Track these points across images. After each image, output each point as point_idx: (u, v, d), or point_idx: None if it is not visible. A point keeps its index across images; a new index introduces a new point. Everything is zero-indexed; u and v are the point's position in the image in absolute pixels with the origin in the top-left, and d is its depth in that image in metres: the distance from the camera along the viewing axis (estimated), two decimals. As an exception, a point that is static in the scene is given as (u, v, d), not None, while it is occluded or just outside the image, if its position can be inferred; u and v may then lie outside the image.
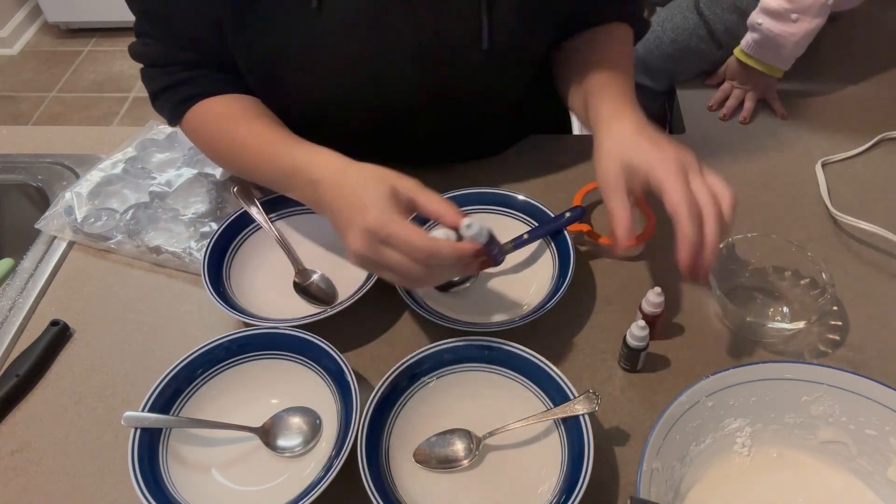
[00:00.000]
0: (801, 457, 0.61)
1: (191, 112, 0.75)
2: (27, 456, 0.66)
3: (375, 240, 0.57)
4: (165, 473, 0.61)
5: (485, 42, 0.72)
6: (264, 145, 0.70)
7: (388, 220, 0.56)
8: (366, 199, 0.58)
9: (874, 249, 0.78)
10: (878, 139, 0.91)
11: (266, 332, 0.67)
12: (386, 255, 0.57)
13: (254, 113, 0.75)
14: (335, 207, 0.61)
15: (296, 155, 0.67)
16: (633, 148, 0.64)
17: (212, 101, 0.75)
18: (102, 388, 0.70)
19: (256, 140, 0.71)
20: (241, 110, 0.75)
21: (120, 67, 2.80)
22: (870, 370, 0.65)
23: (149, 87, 0.77)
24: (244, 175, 0.77)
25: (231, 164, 0.78)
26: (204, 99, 0.75)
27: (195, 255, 0.79)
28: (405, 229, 0.56)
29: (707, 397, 0.58)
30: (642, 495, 0.52)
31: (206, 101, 0.75)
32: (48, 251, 0.83)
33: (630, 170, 0.63)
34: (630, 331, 0.65)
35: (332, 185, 0.62)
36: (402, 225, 0.56)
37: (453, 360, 0.66)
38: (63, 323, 0.74)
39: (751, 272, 0.75)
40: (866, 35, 1.10)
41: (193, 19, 0.71)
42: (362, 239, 0.57)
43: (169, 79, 0.75)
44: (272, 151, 0.69)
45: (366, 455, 0.58)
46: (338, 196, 0.61)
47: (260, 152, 0.71)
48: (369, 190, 0.58)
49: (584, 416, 0.59)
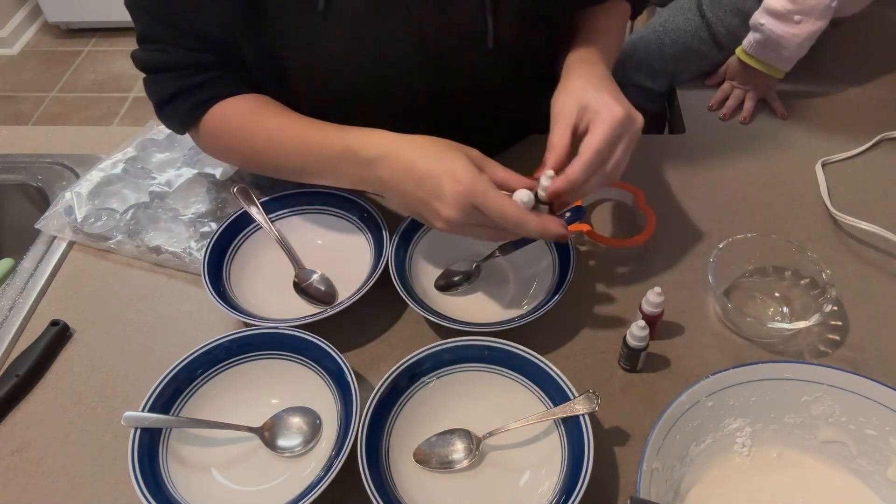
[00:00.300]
0: (801, 457, 0.61)
1: (209, 115, 0.73)
2: (27, 456, 0.66)
3: (470, 205, 0.60)
4: (165, 473, 0.61)
5: (490, 41, 0.72)
6: (305, 134, 0.70)
7: (483, 187, 0.59)
8: (454, 168, 0.60)
9: (874, 249, 0.78)
10: (878, 139, 0.91)
11: (266, 332, 0.67)
12: (479, 219, 0.61)
13: (278, 107, 0.74)
14: (411, 180, 0.62)
15: (346, 137, 0.67)
16: (591, 89, 0.65)
17: (230, 102, 0.74)
18: (102, 388, 0.70)
19: (294, 130, 0.71)
20: (266, 105, 0.74)
21: (120, 67, 2.80)
22: (870, 370, 0.65)
23: (157, 95, 0.74)
24: (278, 170, 0.75)
25: (263, 161, 0.75)
26: (222, 100, 0.73)
27: (195, 255, 0.79)
28: (499, 198, 0.59)
29: (707, 397, 0.58)
30: (642, 495, 0.52)
31: (224, 103, 0.73)
32: (48, 251, 0.83)
33: (582, 108, 0.65)
34: (630, 331, 0.65)
35: (398, 159, 0.63)
36: (495, 192, 0.60)
37: (453, 360, 0.66)
38: (63, 323, 0.74)
39: (751, 272, 0.75)
40: (866, 35, 1.10)
41: (206, 19, 0.70)
42: (458, 205, 0.60)
43: (181, 83, 0.73)
44: (316, 138, 0.69)
45: (366, 455, 0.58)
46: (411, 169, 0.62)
47: (301, 141, 0.70)
48: (452, 159, 0.61)
49: (584, 416, 0.59)
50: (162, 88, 0.74)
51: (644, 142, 0.93)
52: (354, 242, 0.80)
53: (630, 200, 0.84)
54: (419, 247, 0.77)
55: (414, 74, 0.74)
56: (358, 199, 0.80)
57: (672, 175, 0.88)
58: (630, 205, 0.84)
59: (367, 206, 0.79)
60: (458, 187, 0.59)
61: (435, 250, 0.78)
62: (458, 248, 0.78)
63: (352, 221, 0.80)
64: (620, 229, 0.82)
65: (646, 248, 0.79)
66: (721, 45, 1.01)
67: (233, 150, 0.76)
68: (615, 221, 0.83)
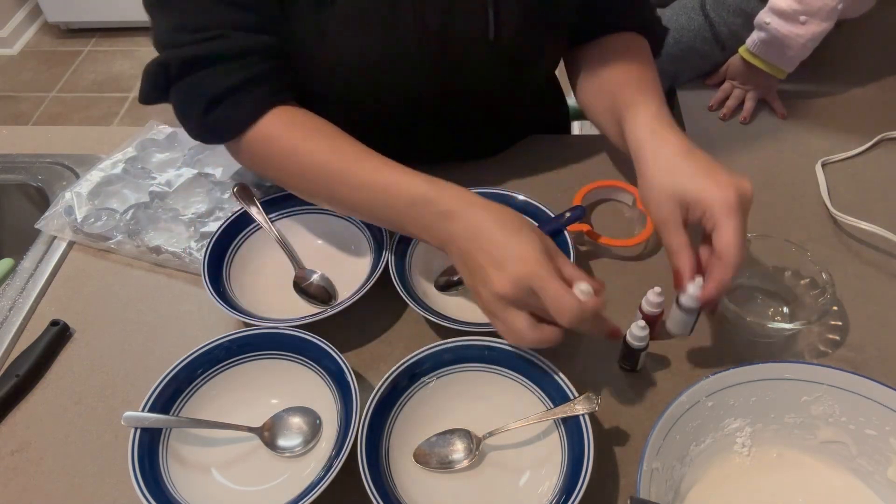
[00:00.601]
0: (801, 457, 0.61)
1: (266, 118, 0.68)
2: (27, 456, 0.66)
3: (528, 286, 0.57)
4: (165, 473, 0.61)
5: (491, 33, 0.72)
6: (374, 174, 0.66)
7: (547, 272, 0.57)
8: (526, 246, 0.58)
9: (874, 249, 0.78)
10: (878, 139, 0.91)
11: (266, 332, 0.67)
12: (530, 303, 0.58)
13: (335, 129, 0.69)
14: (479, 242, 0.60)
15: (421, 185, 0.64)
16: (685, 179, 0.61)
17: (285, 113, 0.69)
18: (102, 388, 0.70)
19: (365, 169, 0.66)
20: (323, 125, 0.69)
21: (120, 67, 2.81)
22: (870, 370, 0.65)
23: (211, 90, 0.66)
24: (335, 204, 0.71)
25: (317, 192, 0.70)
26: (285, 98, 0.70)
27: (195, 255, 0.79)
28: (560, 286, 0.56)
29: (707, 397, 0.58)
30: (642, 495, 0.52)
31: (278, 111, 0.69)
32: (48, 251, 0.83)
33: (685, 204, 0.61)
34: (630, 331, 0.65)
35: (474, 218, 0.61)
36: (558, 280, 0.57)
37: (453, 360, 0.66)
38: (63, 323, 0.74)
39: (751, 272, 0.75)
40: (867, 35, 1.10)
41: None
42: (516, 281, 0.57)
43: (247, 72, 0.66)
44: (389, 180, 0.65)
45: (366, 455, 0.58)
46: (483, 231, 0.60)
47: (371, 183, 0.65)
48: (526, 236, 0.59)
49: (584, 417, 0.59)
50: (220, 81, 0.66)
51: (644, 142, 0.93)
52: (354, 242, 0.80)
53: (630, 200, 0.84)
54: (419, 247, 0.77)
55: (417, 69, 0.75)
56: (358, 199, 0.80)
57: (672, 175, 0.88)
58: (630, 205, 0.84)
59: (367, 206, 0.79)
60: (523, 265, 0.57)
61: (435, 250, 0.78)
62: (458, 248, 0.78)
63: (352, 221, 0.80)
64: (620, 229, 0.82)
65: (646, 248, 0.79)
66: (723, 45, 1.01)
67: (282, 170, 0.70)
68: (615, 221, 0.83)
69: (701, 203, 0.60)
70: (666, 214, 0.62)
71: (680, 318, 0.64)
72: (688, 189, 0.61)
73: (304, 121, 0.70)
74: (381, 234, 0.76)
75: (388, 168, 0.66)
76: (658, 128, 0.67)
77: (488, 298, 0.60)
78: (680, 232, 0.62)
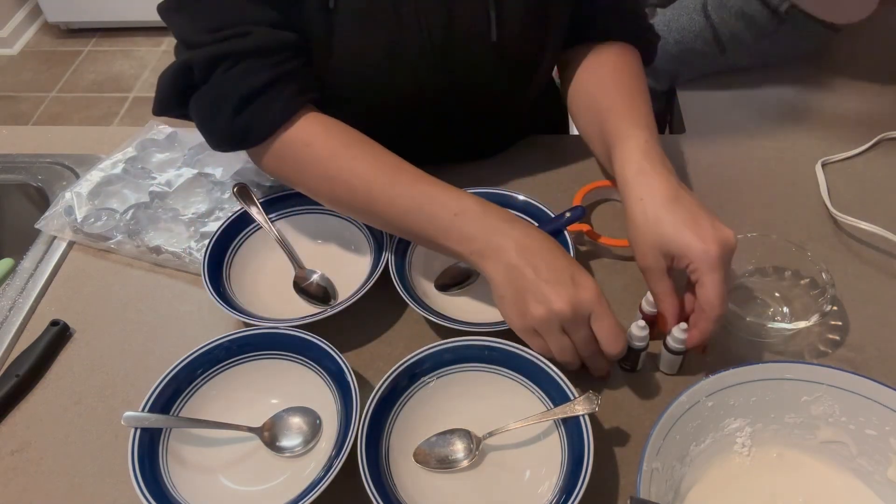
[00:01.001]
0: (801, 457, 0.61)
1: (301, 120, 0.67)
2: (27, 456, 0.66)
3: (586, 312, 0.59)
4: (165, 473, 0.61)
5: (493, 35, 0.72)
6: (416, 185, 0.66)
7: (608, 306, 0.60)
8: (588, 278, 0.60)
9: (874, 249, 0.78)
10: (878, 139, 0.91)
11: (266, 332, 0.67)
12: (575, 328, 0.60)
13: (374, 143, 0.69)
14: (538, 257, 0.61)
15: (466, 198, 0.65)
16: (670, 231, 0.62)
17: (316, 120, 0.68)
18: (102, 388, 0.70)
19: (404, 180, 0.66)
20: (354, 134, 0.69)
21: (120, 67, 2.81)
22: (870, 370, 0.65)
23: (245, 87, 0.64)
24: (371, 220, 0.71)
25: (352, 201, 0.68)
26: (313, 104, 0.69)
27: (195, 255, 0.79)
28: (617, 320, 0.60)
29: (707, 397, 0.58)
30: (642, 495, 0.52)
31: (310, 117, 0.68)
32: (48, 251, 0.83)
33: (670, 255, 0.63)
34: (630, 331, 0.65)
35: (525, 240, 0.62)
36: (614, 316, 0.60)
37: (453, 360, 0.66)
38: (63, 323, 0.74)
39: (751, 272, 0.75)
40: (866, 36, 1.10)
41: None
42: (575, 304, 0.59)
43: (279, 70, 0.65)
44: (433, 192, 0.65)
45: (366, 455, 0.58)
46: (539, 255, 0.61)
47: (414, 193, 0.65)
48: (584, 271, 0.61)
49: (584, 417, 0.59)
50: (250, 79, 0.65)
51: (644, 142, 0.93)
52: (354, 242, 0.80)
53: (630, 200, 0.84)
54: (419, 247, 0.77)
55: (420, 69, 0.75)
56: (358, 199, 0.80)
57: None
58: (630, 205, 0.84)
59: (367, 206, 0.79)
60: (588, 291, 0.59)
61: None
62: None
63: (352, 221, 0.80)
64: (620, 229, 0.82)
65: (646, 248, 0.79)
66: (723, 47, 1.01)
67: (317, 176, 0.68)
68: (615, 221, 0.83)
69: (685, 258, 0.62)
70: (650, 262, 0.64)
71: (668, 359, 0.67)
72: (672, 242, 0.62)
73: (341, 128, 0.69)
74: (381, 234, 0.76)
75: (429, 181, 0.66)
76: (647, 167, 0.66)
77: (541, 316, 0.59)
78: (664, 279, 0.64)
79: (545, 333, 0.61)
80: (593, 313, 0.60)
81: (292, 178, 0.71)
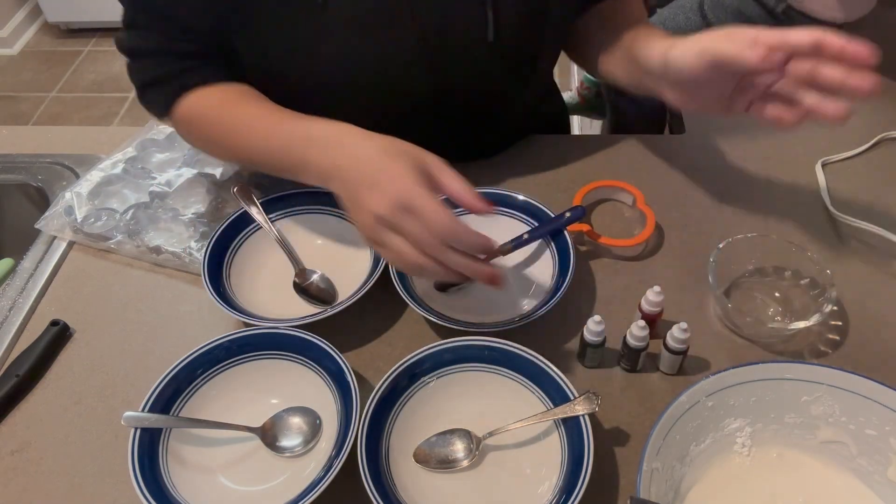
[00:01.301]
0: (801, 457, 0.61)
1: (185, 101, 0.75)
2: (27, 456, 0.66)
3: (399, 207, 0.56)
4: (165, 473, 0.61)
5: (490, 35, 0.72)
6: (276, 122, 0.70)
7: (419, 191, 0.56)
8: (397, 166, 0.58)
9: (874, 249, 0.78)
10: (878, 139, 0.91)
11: (266, 332, 0.67)
12: (404, 225, 0.57)
13: (255, 95, 0.75)
14: (354, 168, 0.60)
15: (312, 125, 0.67)
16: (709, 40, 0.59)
17: (208, 90, 0.75)
18: (102, 388, 0.70)
19: (264, 118, 0.71)
20: (241, 94, 0.75)
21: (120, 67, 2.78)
22: (870, 370, 0.65)
23: (137, 80, 0.76)
24: (247, 158, 0.75)
25: (233, 149, 0.75)
26: (200, 87, 0.75)
27: (195, 255, 0.79)
28: (434, 203, 0.56)
29: (707, 397, 0.58)
30: (642, 495, 0.52)
31: (201, 90, 0.75)
32: (48, 251, 0.83)
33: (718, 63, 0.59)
34: (630, 331, 0.65)
35: (354, 148, 0.62)
36: (431, 198, 0.56)
37: (453, 360, 0.66)
38: (63, 323, 0.74)
39: (751, 272, 0.75)
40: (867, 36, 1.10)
41: (196, 11, 0.71)
42: (386, 203, 0.57)
43: (161, 69, 0.74)
44: (284, 126, 0.68)
45: (366, 455, 0.58)
46: (361, 160, 0.60)
47: (271, 128, 0.69)
48: (401, 158, 0.59)
49: (584, 417, 0.59)
50: (143, 74, 0.76)
51: (644, 142, 0.93)
52: (354, 242, 0.80)
53: (630, 200, 0.84)
54: (419, 247, 0.77)
55: (415, 70, 0.75)
56: (358, 199, 0.80)
57: (672, 175, 0.88)
58: (630, 205, 0.84)
59: (367, 206, 0.79)
60: (399, 182, 0.57)
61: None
62: (458, 248, 0.78)
63: (352, 221, 0.80)
64: (620, 229, 0.82)
65: (646, 248, 0.79)
66: None
67: (206, 137, 0.76)
68: (615, 221, 0.83)
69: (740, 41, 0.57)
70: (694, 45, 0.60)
71: (668, 359, 0.67)
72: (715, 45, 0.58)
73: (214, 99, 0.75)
74: (381, 234, 0.76)
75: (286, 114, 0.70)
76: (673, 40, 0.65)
77: (366, 222, 0.59)
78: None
79: (382, 240, 0.59)
80: (409, 204, 0.56)
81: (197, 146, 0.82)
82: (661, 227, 0.81)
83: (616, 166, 0.89)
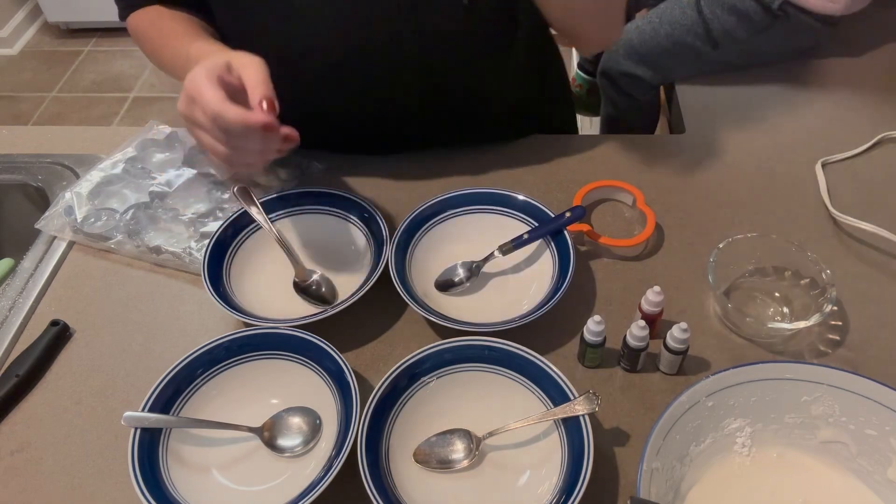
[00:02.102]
0: (801, 457, 0.61)
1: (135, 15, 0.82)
2: (27, 456, 0.66)
3: (188, 99, 0.61)
4: (165, 473, 0.61)
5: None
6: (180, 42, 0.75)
7: (200, 82, 0.60)
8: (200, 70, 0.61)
9: (874, 249, 0.78)
10: (878, 139, 0.91)
11: (266, 332, 0.67)
12: (194, 115, 0.61)
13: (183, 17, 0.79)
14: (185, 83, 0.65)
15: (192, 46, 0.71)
16: None
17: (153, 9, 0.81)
18: (102, 388, 0.70)
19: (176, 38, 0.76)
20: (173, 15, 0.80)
21: (120, 67, 2.80)
22: (870, 370, 0.65)
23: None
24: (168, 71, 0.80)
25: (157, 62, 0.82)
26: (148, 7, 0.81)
27: (195, 255, 0.79)
28: (209, 91, 0.59)
29: (707, 397, 0.58)
30: (642, 495, 0.52)
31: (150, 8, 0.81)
32: (48, 251, 0.83)
33: None
34: (630, 331, 0.65)
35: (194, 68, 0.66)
36: (207, 86, 0.59)
37: (453, 360, 0.66)
38: (63, 323, 0.74)
39: (751, 272, 0.75)
40: (866, 34, 1.10)
41: None
42: (182, 99, 0.62)
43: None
44: (181, 46, 0.74)
45: (366, 455, 0.58)
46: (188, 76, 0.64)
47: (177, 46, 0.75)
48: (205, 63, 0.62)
49: (584, 417, 0.59)
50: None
51: (644, 142, 0.93)
52: (354, 242, 0.80)
53: (630, 200, 0.84)
54: (419, 247, 0.77)
55: (393, 40, 0.75)
56: (358, 199, 0.80)
57: (672, 175, 0.88)
58: (630, 205, 0.84)
59: (367, 206, 0.79)
60: (190, 82, 0.61)
61: (435, 250, 0.78)
62: (458, 249, 0.78)
63: (352, 221, 0.80)
64: (620, 229, 0.82)
65: (646, 248, 0.79)
66: (716, 42, 1.01)
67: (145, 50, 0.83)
68: (615, 221, 0.83)
69: None
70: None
71: (668, 359, 0.67)
72: None
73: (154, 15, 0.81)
74: (381, 234, 0.76)
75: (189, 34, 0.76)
76: None
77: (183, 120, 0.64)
78: None
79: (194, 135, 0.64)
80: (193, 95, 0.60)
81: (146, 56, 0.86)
82: (661, 227, 0.81)
83: (616, 166, 0.89)
